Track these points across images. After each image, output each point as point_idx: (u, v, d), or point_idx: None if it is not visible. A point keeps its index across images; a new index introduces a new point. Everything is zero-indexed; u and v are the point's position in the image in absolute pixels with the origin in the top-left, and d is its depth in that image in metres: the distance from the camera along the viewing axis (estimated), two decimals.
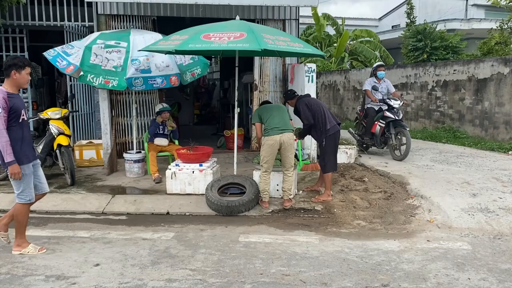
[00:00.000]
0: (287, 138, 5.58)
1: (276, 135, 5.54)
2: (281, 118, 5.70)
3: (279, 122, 5.61)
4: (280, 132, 5.56)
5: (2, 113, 3.91)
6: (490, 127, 9.98)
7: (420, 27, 14.21)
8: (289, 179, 5.73)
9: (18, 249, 4.27)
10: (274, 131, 5.56)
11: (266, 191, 5.69)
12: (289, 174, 5.72)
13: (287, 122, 5.72)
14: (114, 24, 7.94)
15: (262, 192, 5.69)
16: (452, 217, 5.20)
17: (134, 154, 7.25)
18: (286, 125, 5.65)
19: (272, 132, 5.56)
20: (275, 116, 5.70)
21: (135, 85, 6.57)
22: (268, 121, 5.69)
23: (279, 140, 5.54)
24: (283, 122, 5.65)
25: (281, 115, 5.73)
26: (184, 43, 4.97)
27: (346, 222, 5.28)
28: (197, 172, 6.09)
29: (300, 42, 5.54)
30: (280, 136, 5.55)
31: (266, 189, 5.69)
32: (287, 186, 5.73)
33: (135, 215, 5.66)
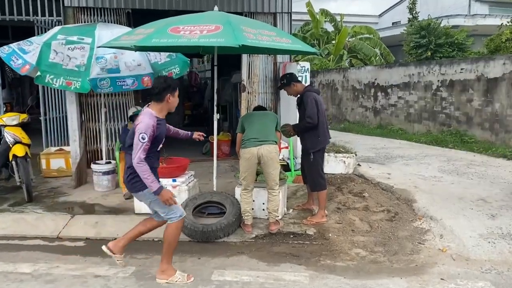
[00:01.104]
0: (266, 152, 4.70)
1: (252, 147, 4.70)
2: (262, 126, 4.85)
3: (258, 132, 4.76)
4: (257, 143, 4.71)
5: (146, 142, 3.45)
6: (501, 131, 9.14)
7: (423, 22, 13.37)
8: (275, 199, 4.87)
9: (163, 276, 3.80)
10: (250, 142, 4.72)
11: (248, 212, 4.85)
12: (274, 193, 4.87)
13: (269, 132, 4.84)
14: (84, 18, 7.07)
15: (243, 213, 4.85)
16: (469, 246, 4.36)
17: (103, 165, 6.38)
18: (266, 136, 4.78)
19: (249, 143, 4.74)
20: (255, 124, 4.88)
21: (100, 86, 5.71)
22: (246, 130, 4.87)
23: (256, 153, 4.69)
24: (264, 132, 4.79)
25: (263, 123, 4.89)
26: (147, 38, 4.12)
27: (343, 251, 4.43)
28: (170, 189, 5.20)
29: (289, 37, 4.69)
30: (258, 148, 4.69)
31: (248, 209, 4.85)
32: (272, 206, 4.86)
33: (94, 241, 4.80)
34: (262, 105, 6.41)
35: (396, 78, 12.55)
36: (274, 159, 4.77)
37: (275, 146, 4.83)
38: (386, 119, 13.10)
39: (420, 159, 8.05)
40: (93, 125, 7.26)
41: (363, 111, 14.32)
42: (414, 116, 11.86)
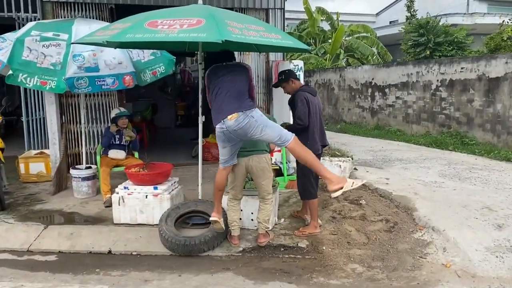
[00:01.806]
0: (255, 163, 4.34)
1: (240, 158, 4.31)
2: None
3: (246, 142, 4.30)
4: (245, 154, 4.33)
5: None
6: (503, 132, 8.79)
7: (422, 20, 13.00)
8: (266, 208, 4.48)
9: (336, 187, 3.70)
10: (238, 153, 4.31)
11: (235, 222, 4.46)
12: (266, 202, 4.48)
13: (258, 141, 4.38)
14: (63, 14, 6.67)
15: (230, 223, 4.46)
16: (475, 261, 3.98)
17: (82, 170, 5.98)
18: (254, 145, 4.37)
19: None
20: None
21: (78, 86, 5.31)
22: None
23: (245, 165, 4.34)
24: (253, 142, 4.35)
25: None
26: (121, 33, 3.72)
27: (338, 267, 4.05)
28: (151, 197, 4.84)
29: (278, 32, 4.29)
30: (247, 160, 4.33)
31: (235, 219, 4.46)
32: (263, 216, 4.46)
33: (67, 255, 4.41)
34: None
35: (394, 78, 12.18)
36: (265, 170, 4.40)
37: (265, 156, 4.44)
38: (384, 119, 12.74)
39: (420, 163, 7.69)
40: (74, 127, 6.86)
41: (360, 111, 13.95)
42: (412, 117, 11.51)
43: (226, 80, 4.06)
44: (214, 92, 4.06)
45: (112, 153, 5.95)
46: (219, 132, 3.96)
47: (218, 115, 3.94)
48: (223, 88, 4.01)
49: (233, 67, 4.20)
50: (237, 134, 3.91)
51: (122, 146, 6.03)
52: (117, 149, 5.98)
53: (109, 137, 5.93)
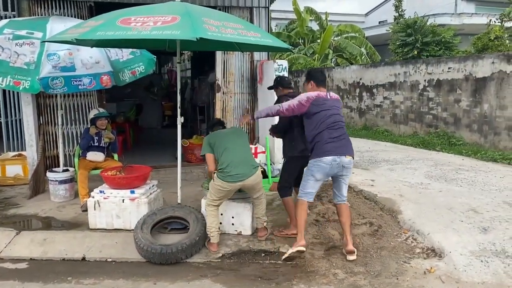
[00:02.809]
0: (251, 181, 4.28)
1: (234, 183, 4.21)
2: (242, 153, 4.35)
3: (240, 163, 4.20)
4: (240, 178, 4.21)
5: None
6: (490, 133, 8.75)
7: (410, 20, 12.96)
8: (261, 202, 4.52)
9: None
10: (232, 176, 4.17)
11: (214, 228, 4.30)
12: (260, 198, 4.50)
13: (250, 157, 4.40)
14: (40, 11, 6.46)
15: (209, 230, 4.29)
16: (460, 265, 3.87)
17: (59, 173, 5.79)
18: (249, 165, 4.28)
19: (230, 178, 4.18)
20: (231, 150, 4.27)
21: (53, 87, 5.12)
22: (223, 158, 4.25)
23: (240, 186, 4.28)
24: (246, 161, 4.27)
25: (241, 148, 4.37)
26: (92, 31, 3.57)
27: (319, 273, 3.92)
28: (127, 201, 4.67)
29: (258, 30, 4.16)
30: (242, 183, 4.24)
31: (214, 225, 4.30)
32: (261, 211, 4.50)
33: (39, 262, 4.23)
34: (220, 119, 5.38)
35: (381, 78, 12.12)
36: (260, 182, 4.43)
37: (259, 171, 4.40)
38: (372, 120, 12.67)
39: (406, 164, 7.60)
40: (52, 128, 6.65)
41: (348, 111, 13.87)
42: (400, 117, 11.45)
43: (334, 108, 4.16)
44: (325, 120, 4.04)
45: (90, 155, 5.76)
46: (328, 164, 3.98)
47: (337, 149, 4.00)
48: (338, 118, 4.13)
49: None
50: (339, 172, 4.08)
51: (101, 148, 5.85)
52: (96, 151, 5.80)
53: (87, 139, 5.74)
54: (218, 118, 5.39)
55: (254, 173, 4.29)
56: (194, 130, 10.50)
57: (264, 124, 7.27)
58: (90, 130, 5.74)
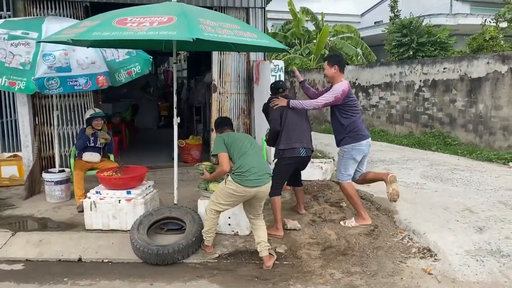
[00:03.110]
0: (266, 189, 4.05)
1: (252, 188, 3.91)
2: (261, 159, 4.15)
3: (260, 169, 3.98)
4: (258, 184, 3.93)
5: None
6: (485, 133, 8.79)
7: (405, 21, 12.99)
8: (262, 223, 4.15)
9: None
10: (252, 181, 3.90)
11: (211, 233, 4.20)
12: (261, 217, 4.17)
13: (267, 166, 4.17)
14: (36, 12, 6.45)
15: (205, 233, 4.20)
16: (456, 265, 3.89)
17: (55, 174, 5.77)
18: (266, 172, 4.05)
19: (250, 182, 3.89)
20: (251, 155, 4.03)
21: (48, 87, 5.10)
22: (242, 161, 3.97)
23: (255, 192, 3.97)
24: (265, 168, 4.06)
25: (259, 155, 4.18)
26: (88, 31, 3.56)
27: (316, 273, 3.93)
28: (124, 202, 4.66)
29: (254, 31, 4.17)
30: (258, 189, 3.95)
31: (212, 231, 4.20)
32: (263, 233, 4.06)
33: (35, 263, 4.21)
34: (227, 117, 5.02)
35: (377, 78, 12.16)
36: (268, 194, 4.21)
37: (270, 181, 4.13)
38: (367, 120, 12.69)
39: (402, 164, 7.63)
40: (48, 129, 6.63)
41: None
42: (395, 117, 11.49)
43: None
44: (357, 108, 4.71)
45: (86, 156, 5.75)
46: (364, 146, 4.69)
47: (366, 131, 4.79)
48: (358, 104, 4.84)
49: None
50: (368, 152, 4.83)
51: (96, 149, 5.84)
52: (92, 151, 5.78)
53: (84, 139, 5.72)
54: (225, 116, 5.06)
55: (270, 181, 4.09)
56: (190, 131, 10.49)
57: (260, 125, 7.28)
58: (86, 131, 5.73)
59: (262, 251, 4.00)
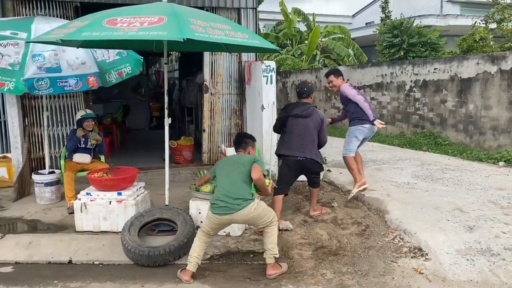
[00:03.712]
0: (240, 218, 3.76)
1: (218, 215, 3.73)
2: (232, 185, 3.80)
3: (226, 193, 3.74)
4: (223, 212, 3.71)
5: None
6: (475, 133, 8.86)
7: (396, 21, 13.08)
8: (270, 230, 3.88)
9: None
10: (215, 208, 3.74)
11: (196, 254, 3.79)
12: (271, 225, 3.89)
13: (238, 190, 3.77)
14: (25, 12, 6.38)
15: (190, 254, 3.81)
16: (446, 264, 3.91)
17: (45, 175, 5.72)
18: (236, 198, 3.71)
19: (213, 208, 3.76)
20: (223, 180, 3.88)
21: (38, 88, 5.06)
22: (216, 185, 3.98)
23: (224, 220, 3.78)
24: (234, 193, 3.74)
25: (232, 179, 3.83)
26: (77, 31, 3.53)
27: (308, 273, 3.93)
28: (115, 203, 4.63)
29: (245, 31, 4.16)
30: (227, 217, 3.73)
31: (198, 251, 3.80)
32: (269, 240, 3.85)
33: (25, 266, 4.17)
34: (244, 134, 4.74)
35: (368, 79, 12.20)
36: (257, 217, 3.80)
37: (251, 205, 3.75)
38: None
39: (393, 164, 7.67)
40: (38, 130, 6.56)
41: (336, 112, 13.92)
42: (387, 118, 11.53)
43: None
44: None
45: (77, 157, 5.70)
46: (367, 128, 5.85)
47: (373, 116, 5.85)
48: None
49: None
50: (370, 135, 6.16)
51: (87, 150, 5.79)
52: (82, 153, 5.74)
53: (74, 141, 5.67)
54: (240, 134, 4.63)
55: (245, 206, 3.72)
56: (182, 131, 10.46)
57: (252, 125, 7.28)
58: (77, 132, 5.68)
59: (266, 259, 3.87)
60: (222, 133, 7.59)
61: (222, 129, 7.58)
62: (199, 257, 3.81)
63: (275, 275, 3.82)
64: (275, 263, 3.88)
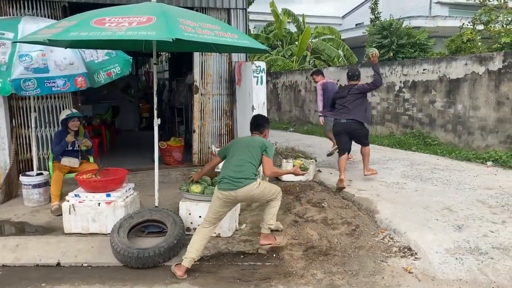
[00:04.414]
0: (243, 195, 4.01)
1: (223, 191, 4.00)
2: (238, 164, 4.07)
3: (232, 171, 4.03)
4: (227, 187, 3.99)
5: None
6: (464, 133, 8.94)
7: (385, 22, 13.17)
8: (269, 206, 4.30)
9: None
10: (221, 183, 4.02)
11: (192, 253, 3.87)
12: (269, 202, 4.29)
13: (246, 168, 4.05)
14: (12, 12, 6.30)
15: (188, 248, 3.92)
16: (435, 263, 3.94)
17: (33, 177, 5.65)
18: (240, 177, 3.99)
19: (219, 184, 4.05)
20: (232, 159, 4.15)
21: (25, 88, 5.01)
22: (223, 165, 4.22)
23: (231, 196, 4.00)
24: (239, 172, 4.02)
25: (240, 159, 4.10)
26: (65, 31, 3.50)
27: (298, 274, 3.93)
28: (103, 205, 4.59)
29: (235, 31, 4.16)
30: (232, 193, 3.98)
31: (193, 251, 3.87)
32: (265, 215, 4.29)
33: (12, 269, 4.13)
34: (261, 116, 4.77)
35: None
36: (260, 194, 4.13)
37: (253, 184, 4.04)
38: None
39: (383, 164, 7.70)
40: (25, 131, 6.48)
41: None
42: (376, 118, 11.59)
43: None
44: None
45: (65, 161, 5.64)
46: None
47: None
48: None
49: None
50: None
51: (75, 152, 5.73)
52: (71, 156, 5.67)
53: (62, 145, 5.58)
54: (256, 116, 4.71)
55: (244, 186, 3.99)
56: (172, 132, 10.42)
57: (242, 126, 7.27)
58: (67, 138, 5.58)
59: (262, 228, 4.29)
60: (212, 134, 7.57)
61: (212, 130, 7.56)
62: (197, 253, 3.89)
63: (267, 246, 4.09)
64: (269, 234, 4.15)
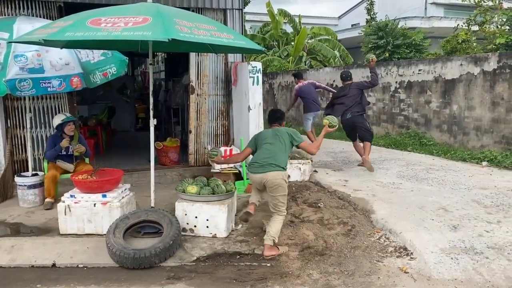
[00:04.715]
0: (271, 178, 4.25)
1: (253, 174, 4.37)
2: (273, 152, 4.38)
3: (265, 157, 4.34)
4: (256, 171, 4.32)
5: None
6: (459, 133, 8.98)
7: (381, 23, 13.18)
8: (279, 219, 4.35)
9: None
10: (252, 167, 4.38)
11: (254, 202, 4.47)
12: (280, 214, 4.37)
13: (279, 156, 4.36)
14: (7, 12, 6.26)
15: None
16: (431, 263, 3.95)
17: (28, 178, 5.63)
18: (271, 163, 4.29)
19: (250, 168, 4.42)
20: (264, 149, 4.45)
21: (20, 89, 4.98)
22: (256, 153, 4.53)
23: (258, 179, 4.33)
24: (269, 158, 4.32)
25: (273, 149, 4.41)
26: (61, 31, 3.49)
27: (294, 274, 3.93)
28: (99, 206, 4.58)
29: (231, 32, 4.16)
30: (261, 175, 4.29)
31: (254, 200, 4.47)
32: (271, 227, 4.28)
33: (7, 270, 4.10)
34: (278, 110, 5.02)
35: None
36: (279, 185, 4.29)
37: (282, 172, 4.34)
38: None
39: (379, 164, 7.72)
40: (20, 132, 6.43)
41: (322, 113, 13.97)
42: (372, 118, 11.62)
43: None
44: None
45: (60, 164, 5.64)
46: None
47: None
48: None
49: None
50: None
51: (69, 157, 5.73)
52: (64, 160, 5.67)
53: (56, 150, 5.57)
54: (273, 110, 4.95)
55: (274, 170, 4.26)
56: (168, 133, 10.40)
57: (239, 126, 7.28)
58: (62, 143, 5.56)
59: (265, 240, 4.23)
60: (208, 134, 7.56)
61: (208, 130, 7.55)
62: (256, 203, 4.44)
63: (271, 256, 4.15)
64: (272, 245, 4.19)
